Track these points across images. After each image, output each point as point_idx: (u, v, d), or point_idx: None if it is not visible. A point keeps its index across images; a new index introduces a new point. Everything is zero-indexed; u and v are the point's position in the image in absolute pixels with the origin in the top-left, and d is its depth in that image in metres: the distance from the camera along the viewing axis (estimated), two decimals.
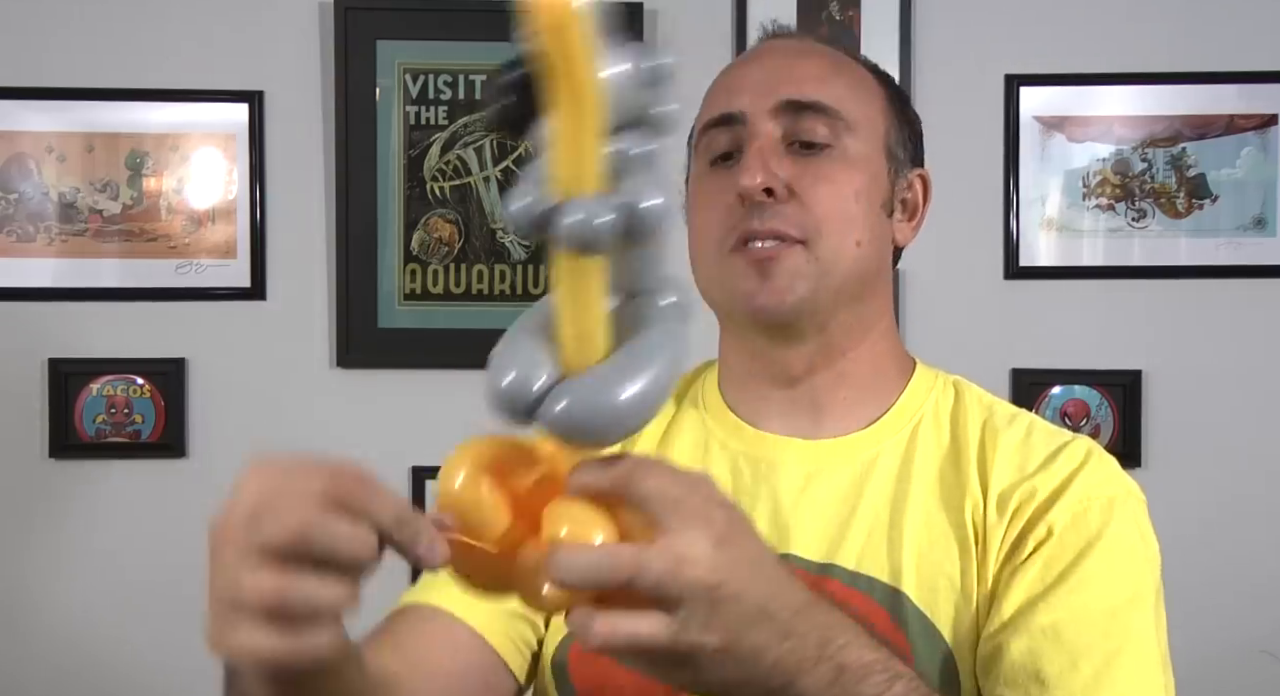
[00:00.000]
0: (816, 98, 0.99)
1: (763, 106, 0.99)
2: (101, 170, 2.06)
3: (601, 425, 0.67)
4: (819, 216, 0.97)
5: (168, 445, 2.06)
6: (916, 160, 1.07)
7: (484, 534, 0.68)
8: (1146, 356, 2.09)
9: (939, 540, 0.95)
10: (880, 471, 0.99)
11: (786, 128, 0.98)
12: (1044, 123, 2.10)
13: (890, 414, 1.02)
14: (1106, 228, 2.10)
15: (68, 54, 2.06)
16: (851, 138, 0.99)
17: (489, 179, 2.07)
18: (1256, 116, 2.09)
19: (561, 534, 0.66)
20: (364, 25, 2.05)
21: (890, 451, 1.00)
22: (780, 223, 0.96)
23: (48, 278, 2.05)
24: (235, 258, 2.07)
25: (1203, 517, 2.02)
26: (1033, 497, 0.94)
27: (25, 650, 2.05)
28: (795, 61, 1.02)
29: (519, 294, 2.06)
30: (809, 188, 0.97)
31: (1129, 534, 0.94)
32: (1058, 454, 0.97)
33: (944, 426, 1.01)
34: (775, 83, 1.00)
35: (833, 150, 0.99)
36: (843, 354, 1.01)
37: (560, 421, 0.67)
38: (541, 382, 0.68)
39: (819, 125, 0.98)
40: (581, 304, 0.68)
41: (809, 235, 0.96)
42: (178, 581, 2.04)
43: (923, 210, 1.07)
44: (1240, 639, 2.00)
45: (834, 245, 0.97)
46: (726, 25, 2.07)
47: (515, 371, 0.68)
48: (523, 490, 0.70)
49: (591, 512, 0.67)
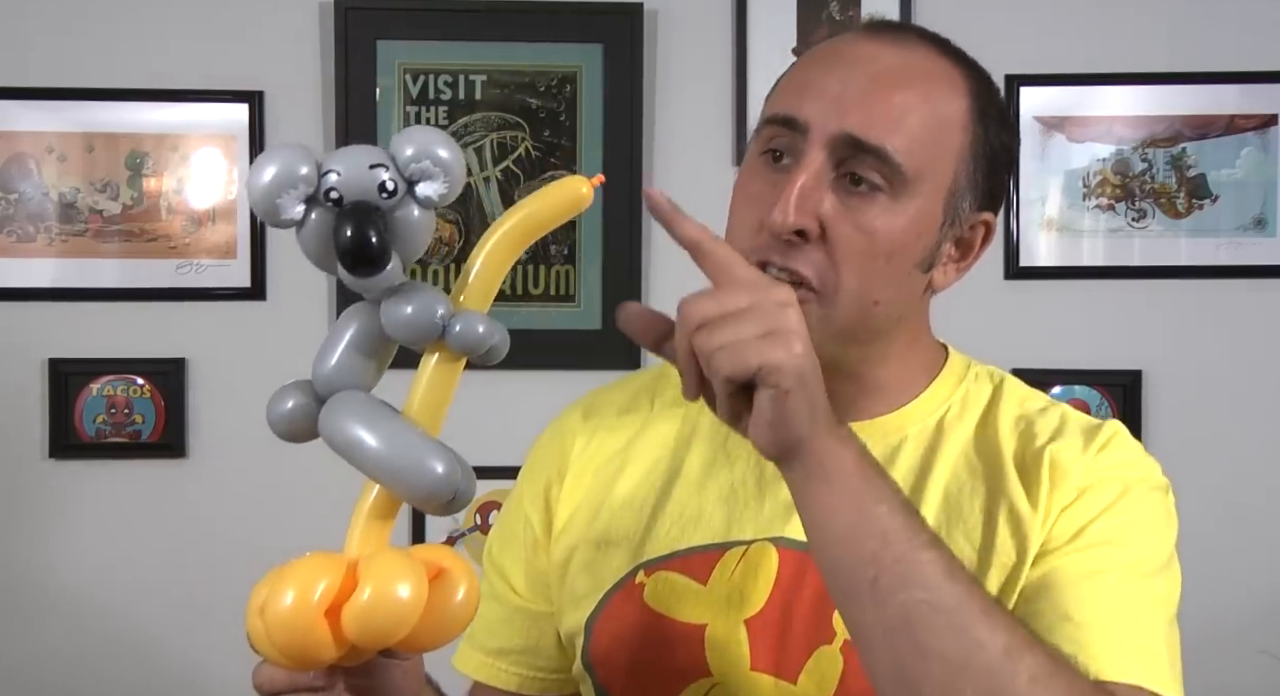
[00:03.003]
0: (881, 144, 0.91)
1: (826, 127, 0.91)
2: (101, 170, 2.06)
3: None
4: (842, 270, 0.91)
5: (168, 445, 2.06)
6: (990, 198, 0.99)
7: (318, 657, 0.77)
8: (1146, 356, 2.09)
9: (961, 519, 0.95)
10: (904, 457, 0.98)
11: (842, 158, 0.91)
12: (1044, 123, 2.10)
13: (917, 402, 1.01)
14: (1107, 228, 2.10)
15: (68, 54, 2.06)
16: (908, 191, 0.92)
17: (489, 179, 2.07)
18: (1256, 116, 2.08)
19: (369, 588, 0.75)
20: (364, 25, 2.05)
21: (916, 438, 0.99)
22: (800, 265, 0.91)
23: (48, 278, 2.05)
24: (235, 258, 2.07)
25: (1203, 517, 2.02)
26: (1069, 474, 0.94)
27: (25, 650, 2.05)
28: (876, 87, 0.93)
29: (519, 294, 2.06)
30: (844, 234, 0.91)
31: (1148, 503, 0.95)
32: (1092, 438, 0.97)
33: (976, 415, 1.00)
34: (847, 105, 0.91)
35: (883, 198, 0.92)
36: (859, 375, 0.99)
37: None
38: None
39: (874, 172, 0.91)
40: (440, 393, 0.80)
41: (825, 287, 0.91)
42: (178, 581, 2.05)
43: (977, 253, 1.00)
44: (1240, 639, 2.00)
45: (848, 303, 0.92)
46: (727, 25, 2.07)
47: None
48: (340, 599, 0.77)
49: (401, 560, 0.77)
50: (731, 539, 0.98)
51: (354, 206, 0.74)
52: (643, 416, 1.07)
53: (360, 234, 0.73)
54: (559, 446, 1.09)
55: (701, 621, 0.96)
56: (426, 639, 0.78)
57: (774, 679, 0.94)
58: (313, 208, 0.75)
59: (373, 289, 0.78)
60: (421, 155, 0.75)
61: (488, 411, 2.05)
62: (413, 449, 0.77)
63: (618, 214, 2.06)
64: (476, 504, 2.07)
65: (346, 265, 0.75)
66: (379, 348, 0.81)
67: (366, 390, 0.80)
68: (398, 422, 0.78)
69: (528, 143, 2.08)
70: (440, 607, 0.78)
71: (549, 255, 2.07)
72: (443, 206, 0.78)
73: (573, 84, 2.08)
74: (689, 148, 2.06)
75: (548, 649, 1.08)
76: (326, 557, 0.77)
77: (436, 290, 0.79)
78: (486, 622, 1.10)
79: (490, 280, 0.82)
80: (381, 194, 0.75)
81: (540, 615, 1.08)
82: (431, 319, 0.78)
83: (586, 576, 1.02)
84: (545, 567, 1.07)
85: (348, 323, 0.81)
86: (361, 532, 0.79)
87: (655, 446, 1.05)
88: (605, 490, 1.04)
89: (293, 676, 0.81)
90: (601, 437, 1.07)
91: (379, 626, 0.74)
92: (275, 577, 0.76)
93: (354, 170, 0.75)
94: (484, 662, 1.10)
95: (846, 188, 0.92)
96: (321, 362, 0.80)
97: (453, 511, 0.80)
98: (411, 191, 0.76)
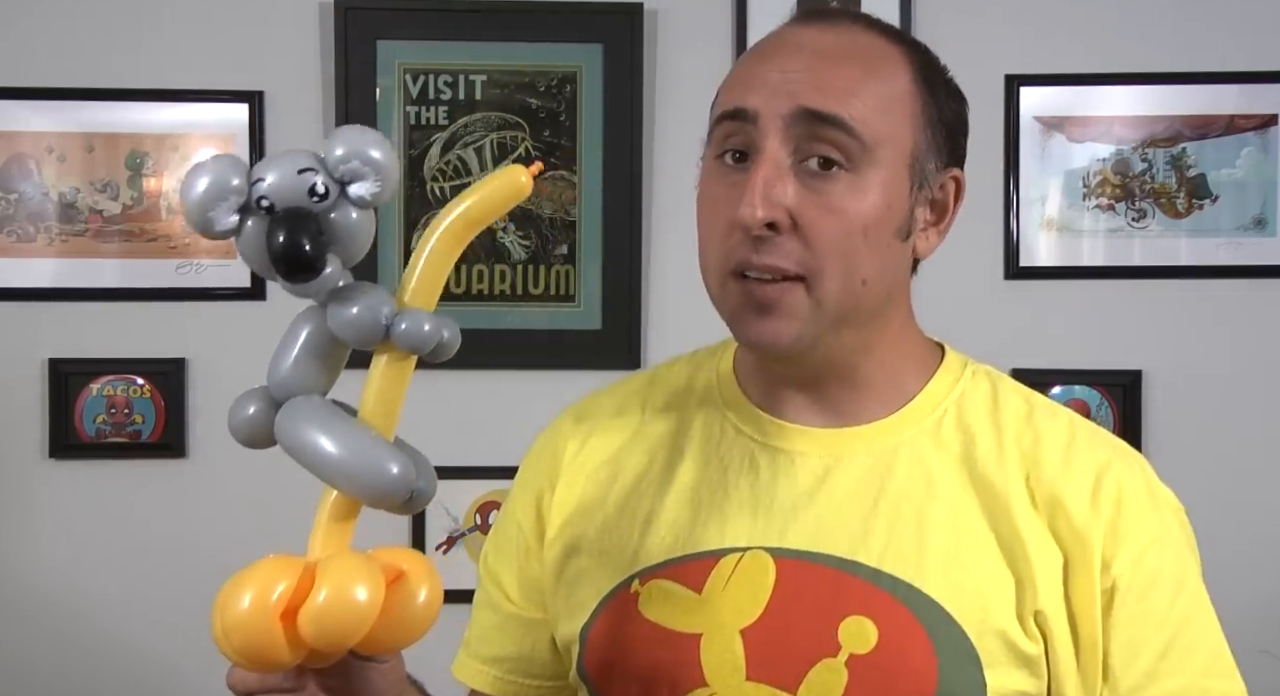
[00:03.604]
0: (836, 112, 0.90)
1: (777, 110, 0.91)
2: (101, 170, 2.06)
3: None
4: (822, 254, 0.91)
5: (168, 445, 2.06)
6: (953, 157, 0.99)
7: (275, 659, 0.77)
8: (1146, 356, 2.09)
9: (966, 536, 0.94)
10: (902, 463, 0.97)
11: (799, 140, 0.91)
12: (1044, 123, 2.10)
13: (913, 404, 0.99)
14: (1106, 228, 2.10)
15: (68, 54, 2.06)
16: (869, 160, 0.92)
17: None
18: (1256, 116, 2.09)
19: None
20: (364, 25, 2.05)
21: (912, 442, 0.98)
22: (779, 258, 0.90)
23: (48, 278, 2.05)
24: (235, 257, 2.05)
25: (1202, 517, 2.01)
26: (1084, 539, 0.94)
27: (26, 650, 2.05)
28: (821, 65, 0.93)
29: (519, 294, 2.06)
30: (814, 220, 0.90)
31: (1178, 560, 0.97)
32: (1100, 484, 0.95)
33: (976, 419, 0.99)
34: (795, 86, 0.91)
35: (846, 174, 0.91)
36: (853, 368, 0.98)
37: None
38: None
39: (835, 144, 0.91)
40: (392, 393, 0.81)
41: (810, 272, 0.91)
42: (178, 581, 2.05)
43: (952, 213, 1.00)
44: (1240, 639, 1.99)
45: (836, 286, 0.91)
46: (726, 25, 2.07)
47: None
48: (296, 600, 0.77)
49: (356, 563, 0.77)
50: (726, 546, 0.97)
51: (285, 212, 0.74)
52: (635, 421, 1.06)
53: (292, 240, 0.74)
54: (551, 452, 1.08)
55: (696, 630, 0.95)
56: (386, 641, 0.79)
57: (772, 689, 0.93)
58: (247, 216, 0.75)
59: (314, 293, 0.78)
60: (351, 156, 0.75)
61: (487, 411, 2.05)
62: (366, 451, 0.78)
63: (618, 214, 2.06)
64: (476, 504, 2.07)
65: (281, 272, 0.75)
66: (331, 350, 0.80)
67: (321, 393, 0.81)
68: (350, 426, 0.79)
69: (528, 143, 2.08)
70: (399, 609, 0.78)
71: (549, 255, 2.07)
72: (378, 205, 0.78)
73: (573, 84, 2.08)
74: (689, 148, 2.05)
75: (542, 656, 1.07)
76: (285, 560, 0.77)
77: (381, 289, 0.79)
78: (482, 630, 1.10)
79: (434, 277, 0.81)
80: (313, 198, 0.75)
81: (534, 622, 1.07)
82: (376, 319, 0.77)
83: (581, 585, 1.01)
84: (538, 574, 1.06)
85: (300, 327, 0.81)
86: (322, 536, 0.80)
87: (648, 452, 1.04)
88: (598, 496, 1.03)
89: (262, 678, 0.82)
90: (594, 443, 1.06)
91: (335, 629, 0.75)
92: (234, 581, 0.76)
93: (283, 176, 0.75)
94: (479, 670, 1.10)
95: (809, 171, 0.91)
96: (276, 368, 0.80)
97: (413, 510, 0.81)
98: (345, 193, 0.76)
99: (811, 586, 0.93)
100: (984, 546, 0.94)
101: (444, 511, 2.06)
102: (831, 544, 0.94)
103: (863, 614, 0.91)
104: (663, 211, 2.07)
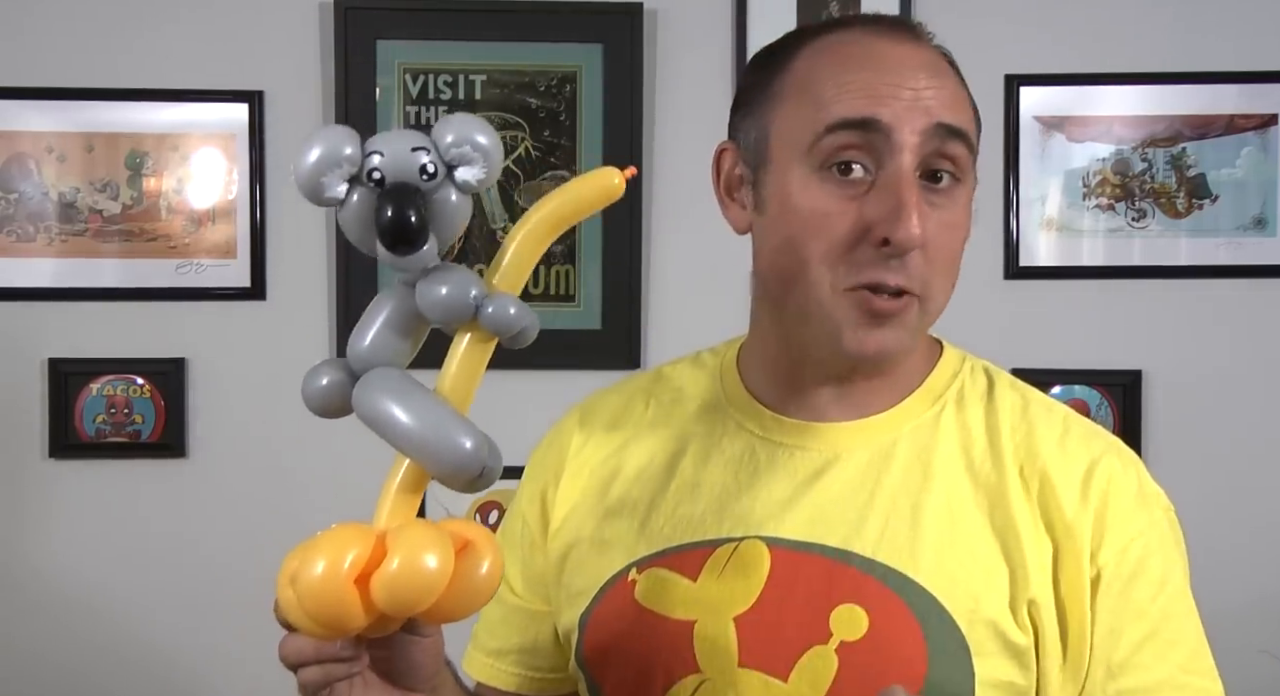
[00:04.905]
0: (964, 126, 0.93)
1: (913, 126, 0.91)
2: (101, 170, 2.06)
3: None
4: (939, 270, 0.93)
5: (168, 445, 2.06)
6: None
7: (348, 624, 0.78)
8: (1146, 356, 2.09)
9: (961, 527, 0.95)
10: (900, 456, 0.98)
11: (925, 155, 0.91)
12: (1044, 123, 2.10)
13: (912, 398, 1.01)
14: (1106, 228, 2.10)
15: (68, 54, 2.06)
16: (968, 175, 0.95)
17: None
18: (1256, 116, 2.09)
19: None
20: (364, 25, 2.05)
21: (911, 435, 0.99)
22: (907, 278, 0.91)
23: (48, 278, 2.05)
24: (235, 258, 2.07)
25: (1202, 517, 2.02)
26: (1072, 530, 0.94)
27: (25, 649, 2.05)
28: (936, 80, 0.94)
29: (519, 294, 2.06)
30: (935, 236, 0.92)
31: (1164, 557, 0.96)
32: (1090, 477, 0.96)
33: (973, 412, 1.00)
34: (926, 101, 0.92)
35: (959, 188, 0.94)
36: (895, 364, 0.99)
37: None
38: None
39: (955, 158, 0.92)
40: (471, 372, 0.83)
41: (925, 290, 0.93)
42: (178, 581, 2.05)
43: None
44: (1240, 639, 2.00)
45: (942, 299, 0.95)
46: (726, 25, 2.07)
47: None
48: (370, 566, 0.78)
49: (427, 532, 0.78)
50: (723, 535, 0.98)
51: (395, 187, 0.76)
52: (638, 418, 1.08)
53: (401, 213, 0.75)
54: (557, 448, 1.10)
55: (690, 618, 0.96)
56: (451, 609, 0.80)
57: (763, 676, 0.94)
58: (355, 187, 0.77)
59: (410, 268, 0.79)
60: (462, 141, 0.77)
61: (487, 411, 2.04)
62: (443, 424, 0.79)
63: (618, 214, 2.06)
64: (476, 505, 2.07)
65: (386, 243, 0.77)
66: (413, 327, 0.83)
67: (400, 368, 0.82)
68: (429, 399, 0.80)
69: (528, 142, 2.08)
70: (465, 578, 0.79)
71: (549, 255, 2.07)
72: (480, 191, 0.80)
73: (573, 84, 2.08)
74: (689, 148, 2.06)
75: (545, 648, 1.09)
76: (356, 528, 0.79)
77: (471, 272, 0.81)
78: (487, 623, 1.11)
79: (523, 265, 0.83)
80: (422, 176, 0.77)
81: (537, 614, 1.09)
82: (465, 299, 0.79)
83: (582, 574, 1.03)
84: (542, 567, 1.08)
85: (384, 302, 0.83)
86: (391, 505, 0.82)
87: (650, 447, 1.05)
88: (601, 490, 1.05)
89: (319, 647, 0.83)
90: (598, 439, 1.08)
91: (407, 594, 0.76)
92: (306, 548, 0.77)
93: (398, 152, 0.77)
94: (484, 663, 1.11)
95: (928, 187, 0.93)
96: (357, 340, 0.82)
97: (479, 488, 0.82)
98: (451, 175, 0.78)
99: (805, 575, 0.94)
100: (979, 537, 0.94)
101: (443, 511, 2.06)
102: (827, 534, 0.95)
103: (854, 602, 0.92)
104: (663, 211, 2.08)
